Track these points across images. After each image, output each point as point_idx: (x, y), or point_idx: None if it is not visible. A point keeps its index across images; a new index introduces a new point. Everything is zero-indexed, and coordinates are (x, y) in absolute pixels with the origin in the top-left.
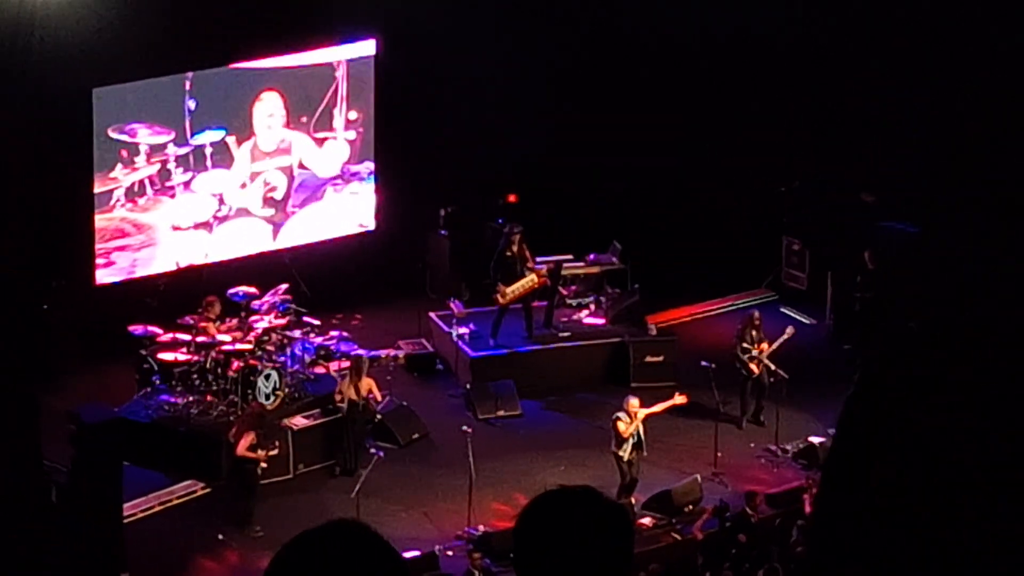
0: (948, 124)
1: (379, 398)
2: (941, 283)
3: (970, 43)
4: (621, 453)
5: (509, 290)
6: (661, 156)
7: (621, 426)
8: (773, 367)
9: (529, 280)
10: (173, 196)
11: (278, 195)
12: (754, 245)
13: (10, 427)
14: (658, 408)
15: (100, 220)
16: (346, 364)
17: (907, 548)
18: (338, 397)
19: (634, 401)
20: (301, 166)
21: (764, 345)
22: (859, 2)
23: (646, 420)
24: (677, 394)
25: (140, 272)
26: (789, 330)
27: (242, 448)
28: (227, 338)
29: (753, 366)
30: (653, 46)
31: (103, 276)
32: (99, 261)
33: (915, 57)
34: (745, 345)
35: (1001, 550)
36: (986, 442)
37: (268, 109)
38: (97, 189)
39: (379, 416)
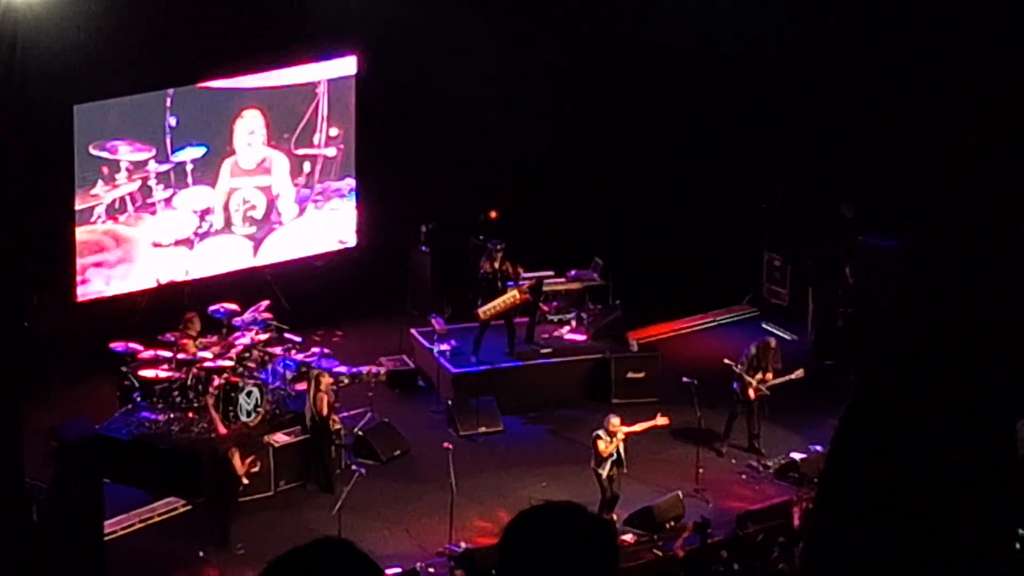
0: (929, 138)
1: (323, 412)
2: (926, 295)
3: (950, 64)
4: (600, 471)
5: (488, 307)
6: (642, 173)
7: (601, 444)
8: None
9: (510, 296)
10: (154, 213)
11: (258, 213)
12: (735, 261)
13: None
14: (639, 428)
15: (81, 235)
16: (328, 380)
17: (903, 560)
18: (308, 414)
19: (615, 420)
20: (281, 183)
21: (769, 375)
22: (841, 19)
23: (626, 438)
24: (659, 415)
25: (120, 288)
26: (799, 372)
27: (239, 467)
28: (208, 355)
29: (751, 391)
30: (633, 68)
31: (83, 292)
32: (77, 278)
33: (896, 73)
34: (751, 370)
35: (994, 561)
36: (982, 452)
37: (249, 127)
38: (78, 206)
39: (340, 433)
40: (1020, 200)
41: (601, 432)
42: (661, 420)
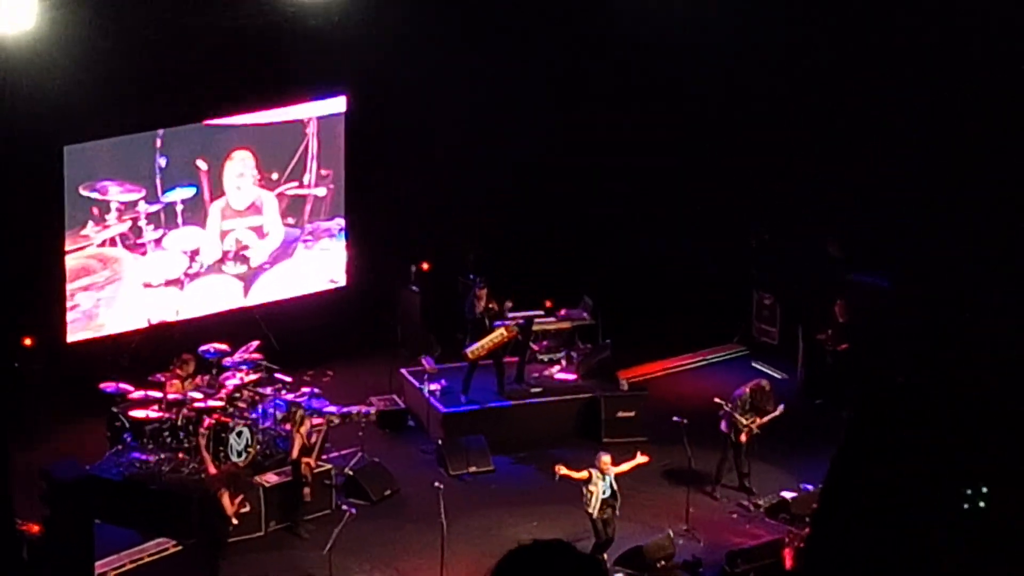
0: (918, 175)
1: (292, 454)
2: (916, 334)
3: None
4: (590, 510)
5: (476, 346)
6: (631, 211)
7: (585, 474)
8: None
9: (497, 335)
10: (144, 253)
11: (249, 253)
12: (725, 299)
13: None
14: (625, 468)
15: (69, 261)
16: (318, 421)
17: None
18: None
19: (606, 458)
20: (271, 224)
21: (757, 419)
22: (829, 48)
23: (617, 478)
24: (639, 453)
25: (110, 328)
26: (780, 408)
27: (229, 507)
28: (199, 395)
29: (744, 435)
30: (622, 106)
31: (71, 323)
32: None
33: (885, 109)
34: (743, 420)
35: None
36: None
37: (239, 168)
38: (69, 246)
39: (307, 478)
40: (1011, 235)
41: (592, 470)
42: (641, 458)
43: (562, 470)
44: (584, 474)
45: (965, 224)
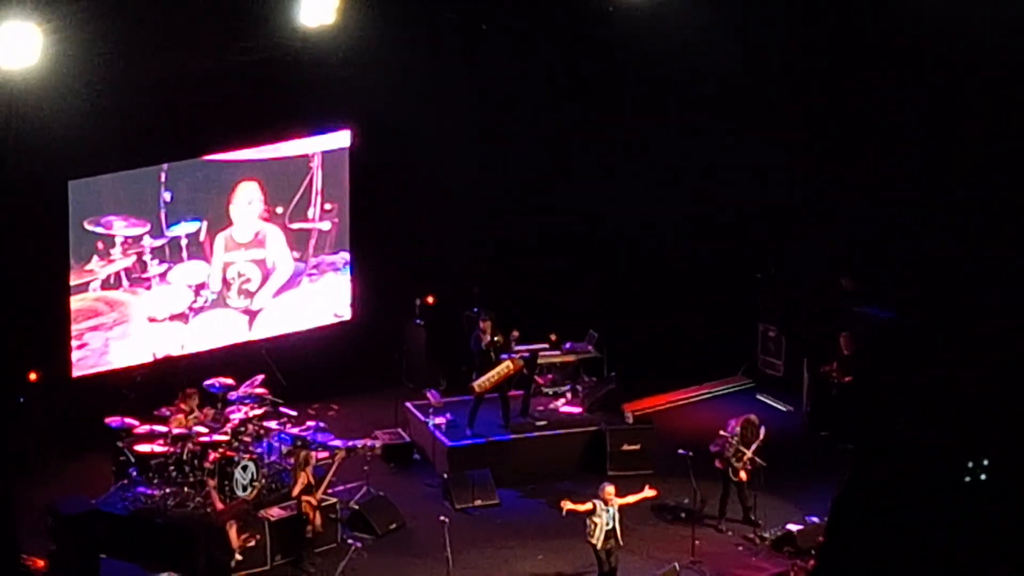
0: (923, 208)
1: (293, 492)
2: (922, 367)
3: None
4: (594, 541)
5: (482, 379)
6: (636, 244)
7: (588, 506)
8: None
9: (504, 367)
10: (149, 288)
11: (253, 287)
12: (730, 332)
13: None
14: (631, 499)
15: (75, 303)
16: (323, 455)
17: None
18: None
19: (610, 488)
20: (276, 257)
21: (748, 452)
22: (834, 91)
23: (621, 509)
24: (647, 487)
25: (116, 362)
26: (762, 431)
27: (235, 541)
28: (204, 429)
29: (743, 474)
30: (625, 141)
31: (78, 362)
32: (73, 343)
33: (888, 144)
34: (742, 449)
35: None
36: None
37: (246, 199)
38: (73, 281)
39: (306, 517)
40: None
41: (596, 501)
42: (649, 492)
43: (568, 505)
44: (588, 505)
45: (970, 254)
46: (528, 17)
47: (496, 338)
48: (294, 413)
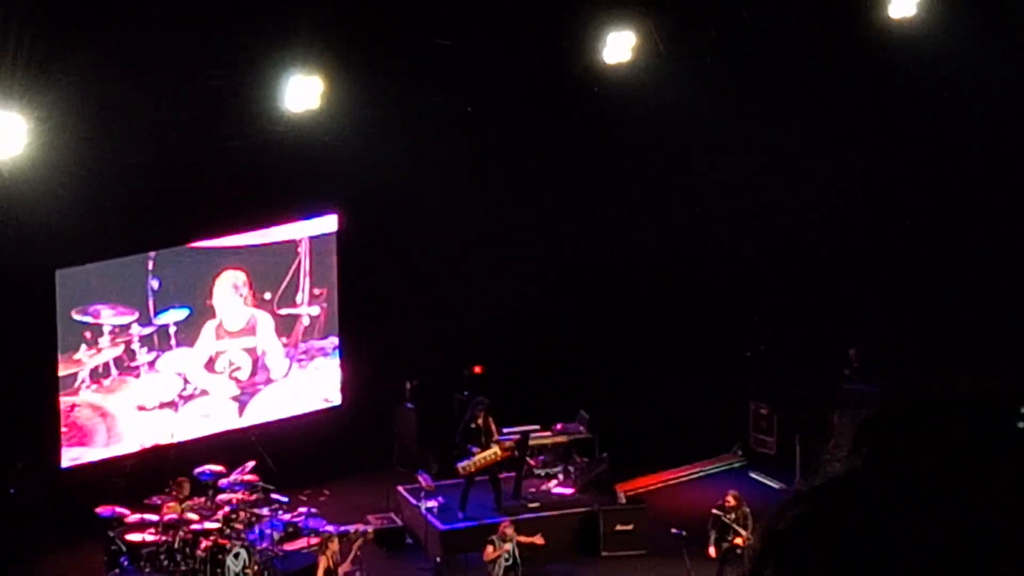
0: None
1: None
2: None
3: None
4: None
5: (468, 462)
6: (626, 325)
7: (489, 548)
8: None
9: (491, 452)
10: (138, 376)
11: (243, 374)
12: (721, 410)
13: None
14: (523, 539)
15: (65, 403)
16: (314, 541)
17: None
18: None
19: (509, 529)
20: (266, 343)
21: (743, 533)
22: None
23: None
24: (539, 535)
25: (105, 453)
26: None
27: None
28: (195, 517)
29: (739, 540)
30: (616, 223)
31: (67, 452)
32: (63, 439)
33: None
34: (736, 527)
35: None
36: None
37: (231, 287)
38: (62, 372)
39: None
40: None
41: (493, 537)
42: (538, 540)
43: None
44: (507, 546)
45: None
46: (513, 97)
47: (487, 423)
48: (286, 499)
